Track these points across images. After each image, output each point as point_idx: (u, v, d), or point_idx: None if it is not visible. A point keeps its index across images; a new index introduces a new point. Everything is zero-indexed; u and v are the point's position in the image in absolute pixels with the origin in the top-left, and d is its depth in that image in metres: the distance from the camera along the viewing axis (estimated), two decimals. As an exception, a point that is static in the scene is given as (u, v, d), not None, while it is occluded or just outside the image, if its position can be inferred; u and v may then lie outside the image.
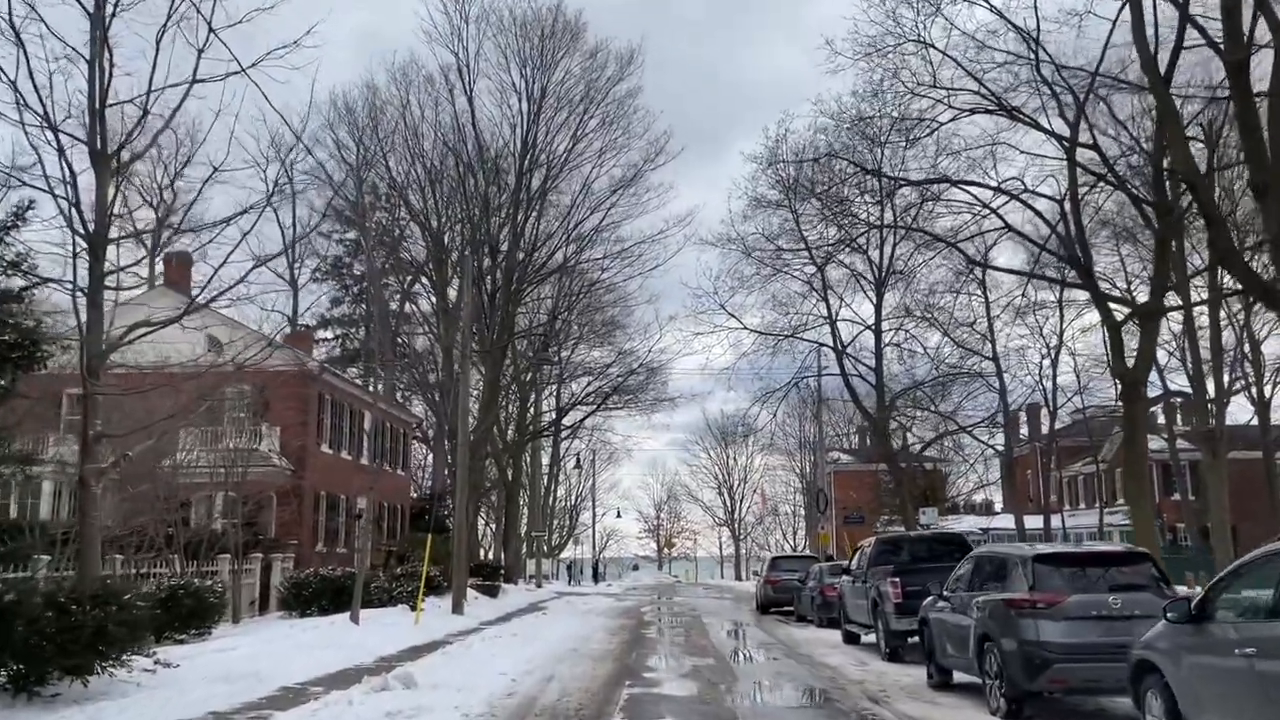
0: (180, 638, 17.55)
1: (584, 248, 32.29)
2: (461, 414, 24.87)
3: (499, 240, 29.89)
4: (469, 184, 29.61)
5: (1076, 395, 46.50)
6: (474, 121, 29.50)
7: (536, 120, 30.22)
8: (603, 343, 43.71)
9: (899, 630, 15.15)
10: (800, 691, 12.47)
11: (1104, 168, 18.21)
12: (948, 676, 12.28)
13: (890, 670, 14.22)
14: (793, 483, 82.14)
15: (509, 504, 44.13)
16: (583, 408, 45.60)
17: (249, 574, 24.35)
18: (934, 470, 50.57)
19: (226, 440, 26.87)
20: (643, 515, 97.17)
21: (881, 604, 15.63)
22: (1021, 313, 41.24)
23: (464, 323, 25.71)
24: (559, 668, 14.43)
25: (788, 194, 31.80)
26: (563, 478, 72.58)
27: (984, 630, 10.39)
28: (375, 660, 14.64)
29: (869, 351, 34.11)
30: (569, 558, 79.03)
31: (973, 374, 40.17)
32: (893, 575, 15.35)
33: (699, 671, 14.15)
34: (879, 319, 33.39)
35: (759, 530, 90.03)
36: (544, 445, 60.67)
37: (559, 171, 30.65)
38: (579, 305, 35.88)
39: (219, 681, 11.47)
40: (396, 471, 40.34)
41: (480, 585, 34.27)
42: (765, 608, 28.79)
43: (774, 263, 32.50)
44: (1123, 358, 18.24)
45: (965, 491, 61.73)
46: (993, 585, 10.75)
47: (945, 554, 16.99)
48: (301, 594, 22.71)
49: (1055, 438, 47.52)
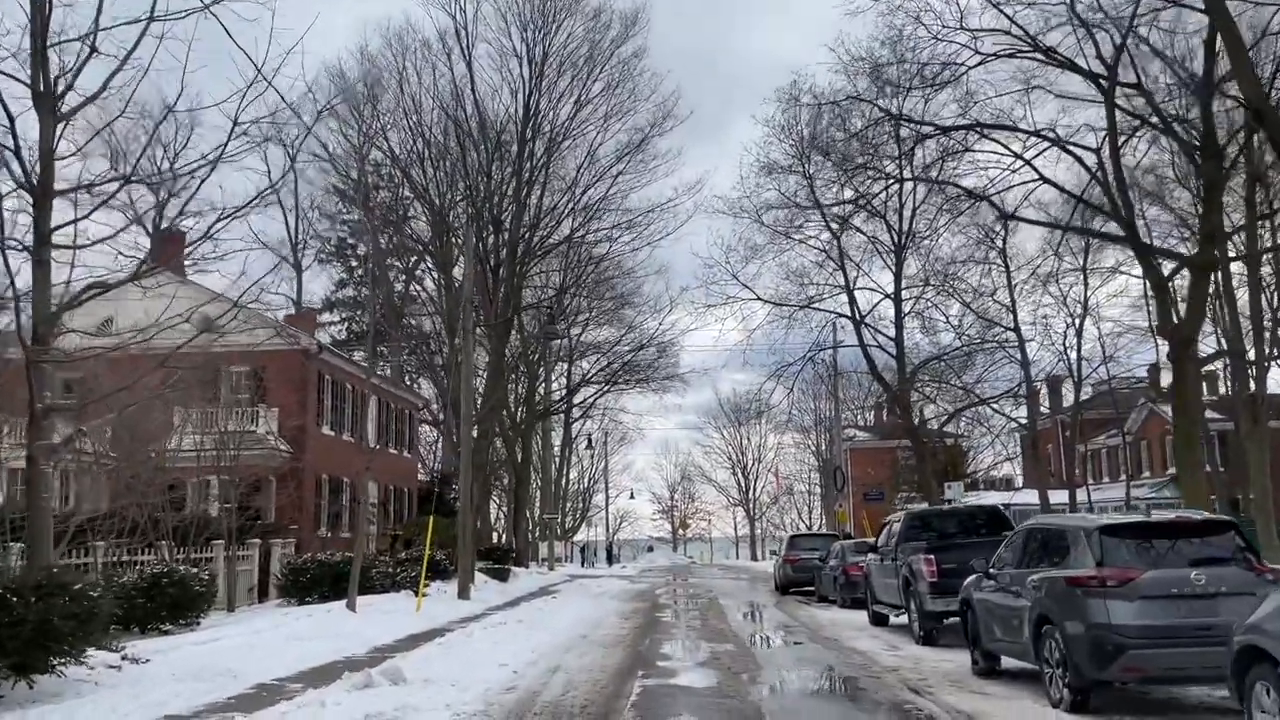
0: (166, 629, 16.53)
1: (590, 218, 31.03)
2: (464, 390, 23.73)
3: (502, 213, 28.63)
4: (470, 155, 28.33)
5: (1101, 365, 45.03)
6: (473, 88, 28.26)
7: (539, 86, 28.93)
8: (612, 320, 42.59)
9: (934, 611, 13.97)
10: (831, 681, 11.30)
11: (1147, 109, 16.84)
12: (994, 663, 11.08)
13: (926, 655, 13.03)
14: (807, 461, 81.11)
15: (518, 486, 43.07)
16: (593, 386, 44.51)
17: (246, 560, 23.33)
18: (954, 445, 49.28)
19: (222, 422, 25.81)
20: (656, 497, 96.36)
21: (914, 583, 14.44)
22: (1045, 281, 40.06)
23: (465, 296, 24.52)
24: (566, 657, 13.30)
25: (801, 158, 30.47)
26: (575, 460, 71.64)
27: (1042, 612, 9.18)
28: (369, 651, 13.54)
29: (888, 321, 32.79)
30: (582, 540, 78.12)
31: (995, 344, 38.81)
32: (926, 552, 14.15)
33: (718, 659, 13.00)
34: (899, 287, 32.04)
35: (774, 510, 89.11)
36: (555, 426, 59.68)
37: (563, 139, 29.38)
38: (586, 279, 34.65)
39: (189, 679, 10.36)
40: (403, 454, 39.29)
41: (489, 569, 33.23)
42: (784, 588, 27.65)
43: (787, 229, 31.17)
44: (1170, 315, 16.95)
45: (985, 467, 60.39)
46: (1050, 561, 9.53)
47: (981, 528, 15.85)
48: (299, 580, 21.65)
49: (1080, 409, 45.98)
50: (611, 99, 29.42)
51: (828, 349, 35.66)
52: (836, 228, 32.10)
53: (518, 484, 42.96)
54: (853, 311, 32.36)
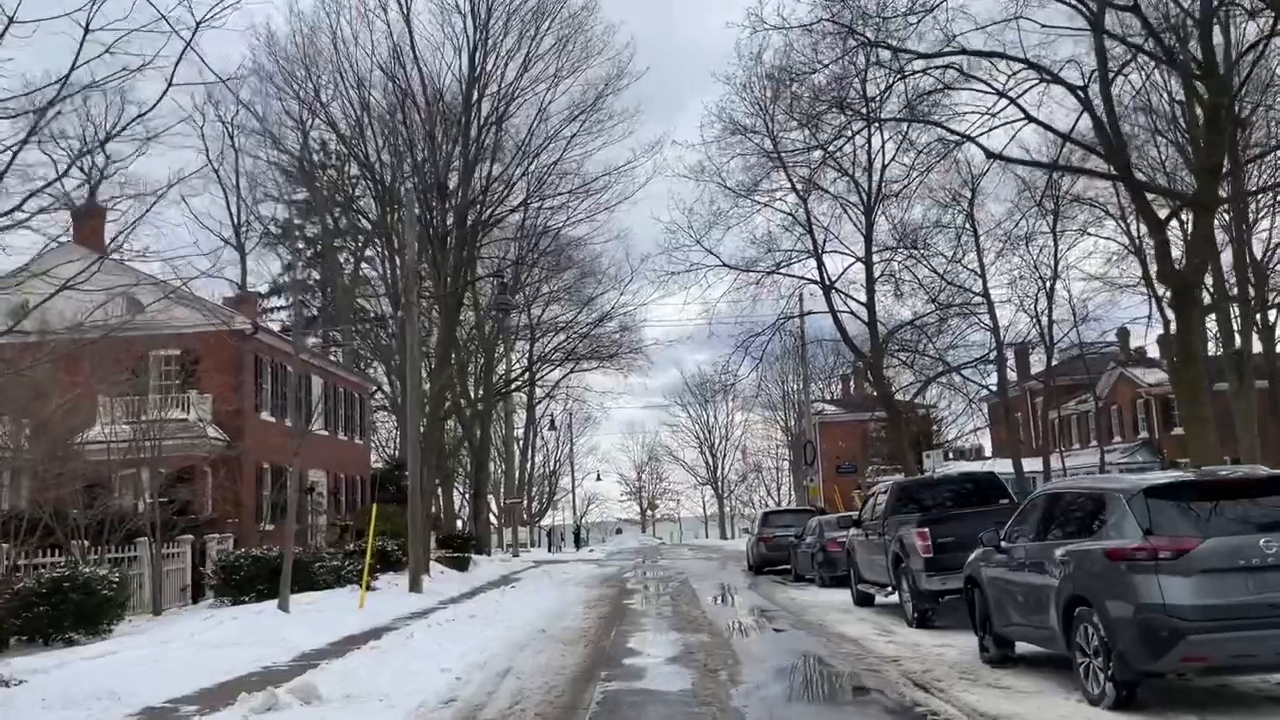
0: (73, 637, 14.76)
1: (544, 183, 29.22)
2: (410, 366, 21.98)
3: (448, 179, 26.76)
4: (412, 118, 26.41)
5: (1073, 329, 44.18)
6: (413, 46, 26.24)
7: (484, 43, 27.03)
8: (572, 296, 40.87)
9: (930, 590, 12.55)
10: (824, 676, 9.82)
11: (1141, 34, 15.43)
12: (1007, 649, 9.66)
13: (925, 641, 11.61)
14: (775, 437, 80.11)
15: (478, 470, 41.32)
16: (555, 366, 42.80)
17: (176, 558, 21.46)
18: (926, 415, 48.26)
19: (146, 409, 23.85)
20: (624, 478, 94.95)
21: (906, 560, 13.01)
22: (1014, 243, 39.12)
23: (407, 264, 22.74)
24: (520, 657, 11.71)
25: (764, 114, 28.91)
26: (540, 443, 70.00)
27: (1075, 592, 7.72)
28: (292, 660, 11.86)
29: (858, 285, 31.40)
30: (549, 524, 76.54)
31: (966, 310, 37.80)
32: (919, 525, 12.71)
33: (691, 653, 11.48)
34: (869, 249, 30.64)
35: (742, 488, 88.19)
36: (518, 408, 57.92)
37: (511, 99, 27.48)
38: (544, 249, 32.82)
39: (60, 705, 8.65)
40: (354, 440, 37.34)
41: (448, 559, 31.58)
42: (759, 567, 26.29)
43: (751, 190, 29.63)
44: (1168, 260, 15.66)
45: (952, 438, 59.56)
46: (1081, 531, 8.07)
47: (976, 498, 14.48)
48: (232, 579, 19.86)
49: (1052, 375, 45.11)
50: (563, 56, 27.62)
51: (796, 317, 34.30)
52: (803, 189, 30.67)
53: (477, 468, 41.21)
54: (822, 277, 31.01)
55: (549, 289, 41.75)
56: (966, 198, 37.87)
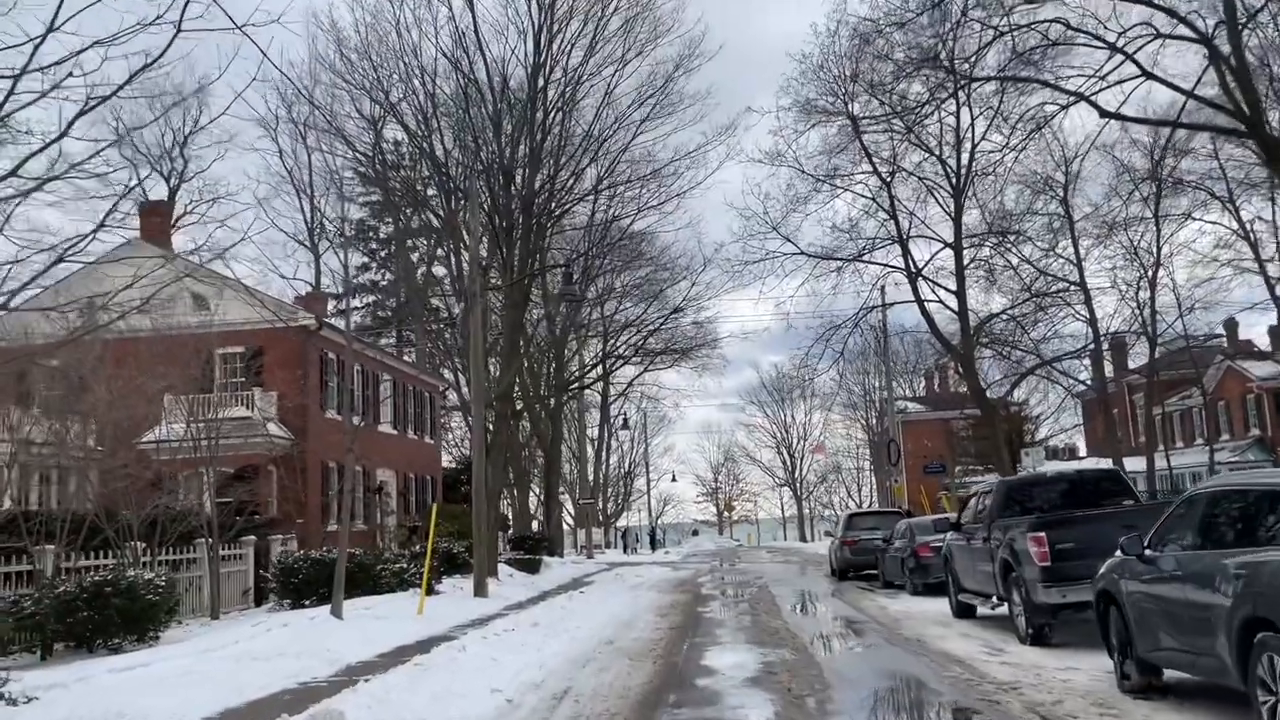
0: (116, 643, 14.04)
1: (613, 169, 28.05)
2: (474, 358, 21.01)
3: (513, 166, 25.79)
4: (474, 101, 25.48)
5: (1178, 320, 41.37)
6: (476, 28, 25.35)
7: (548, 25, 26.00)
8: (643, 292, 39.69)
9: (1047, 604, 10.95)
10: (933, 708, 8.38)
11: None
12: (1153, 677, 8.08)
13: (1044, 662, 10.04)
14: (855, 437, 77.87)
15: (549, 470, 40.37)
16: (627, 361, 41.68)
17: (237, 560, 20.86)
18: (1018, 413, 45.81)
19: (210, 408, 23.37)
20: (700, 479, 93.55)
21: (1018, 568, 11.43)
22: (1112, 229, 36.82)
23: (470, 251, 21.79)
24: (580, 675, 10.49)
25: (843, 96, 27.36)
26: (615, 444, 69.06)
27: (1257, 613, 6.13)
28: (333, 674, 10.83)
29: (947, 272, 29.47)
30: (624, 526, 75.58)
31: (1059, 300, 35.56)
32: (1034, 529, 11.11)
33: (773, 673, 10.13)
34: (959, 233, 28.68)
35: (821, 489, 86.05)
36: (591, 407, 56.99)
37: (578, 83, 26.39)
38: (613, 239, 31.63)
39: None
40: (424, 439, 36.75)
41: (518, 560, 30.65)
42: (843, 573, 24.68)
43: (831, 174, 28.03)
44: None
45: (1045, 436, 56.74)
46: (1260, 538, 6.50)
47: (1098, 497, 12.79)
48: (290, 582, 19.07)
49: (1155, 369, 42.30)
50: (630, 38, 26.40)
51: (879, 308, 32.53)
52: (885, 172, 28.95)
53: (548, 467, 40.26)
54: (907, 264, 29.15)
55: (620, 284, 40.75)
56: (1060, 182, 35.94)
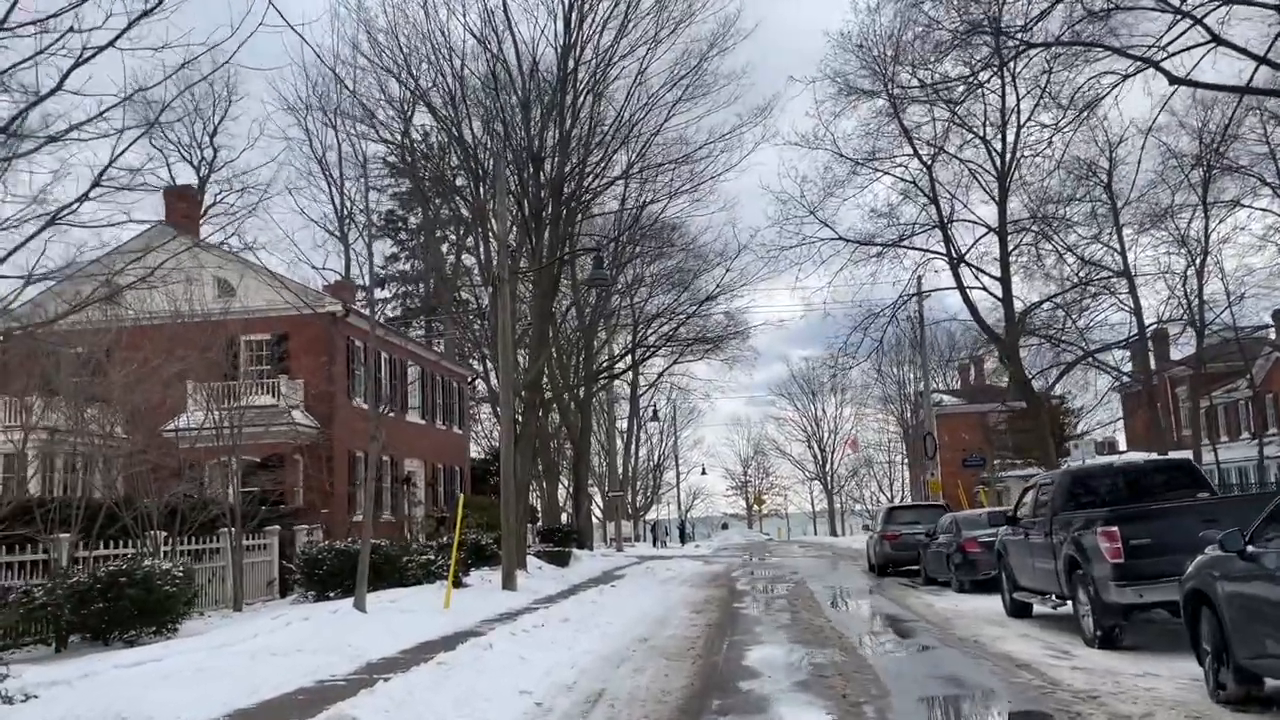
0: (132, 636, 13.54)
1: (644, 153, 27.30)
2: (502, 344, 20.39)
3: (542, 150, 25.12)
4: (502, 81, 24.83)
5: (1226, 310, 40.09)
6: (505, 6, 24.71)
7: (580, 4, 25.27)
8: (674, 282, 38.94)
9: (1120, 604, 10.13)
10: (1006, 719, 7.61)
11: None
12: (1253, 686, 7.27)
13: (1119, 667, 9.22)
14: (888, 431, 76.74)
15: (578, 461, 39.77)
16: (657, 350, 40.93)
17: (262, 550, 20.40)
18: (1058, 406, 44.57)
19: (236, 395, 22.94)
20: (730, 472, 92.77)
21: (1086, 565, 10.60)
22: (1157, 217, 35.81)
23: (500, 237, 21.16)
24: (615, 675, 9.82)
25: (883, 77, 26.52)
26: (644, 437, 68.38)
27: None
28: (352, 671, 10.24)
29: (991, 258, 28.52)
30: (654, 519, 74.95)
31: (1105, 288, 34.55)
32: (1106, 522, 10.28)
33: (823, 676, 9.39)
34: (1003, 219, 27.72)
35: (852, 484, 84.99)
36: (620, 398, 56.35)
37: (609, 63, 25.65)
38: (645, 225, 30.91)
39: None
40: (452, 429, 36.23)
41: (548, 553, 30.12)
42: (882, 568, 23.87)
43: (871, 155, 27.19)
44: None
45: (1086, 429, 55.46)
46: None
47: (1170, 490, 11.94)
48: (314, 573, 18.56)
49: (1203, 360, 41.04)
50: (662, 16, 25.61)
51: (918, 296, 31.65)
52: (927, 155, 28.04)
53: (577, 459, 39.66)
54: (949, 250, 28.22)
55: (650, 274, 40.03)
56: (1104, 168, 34.85)
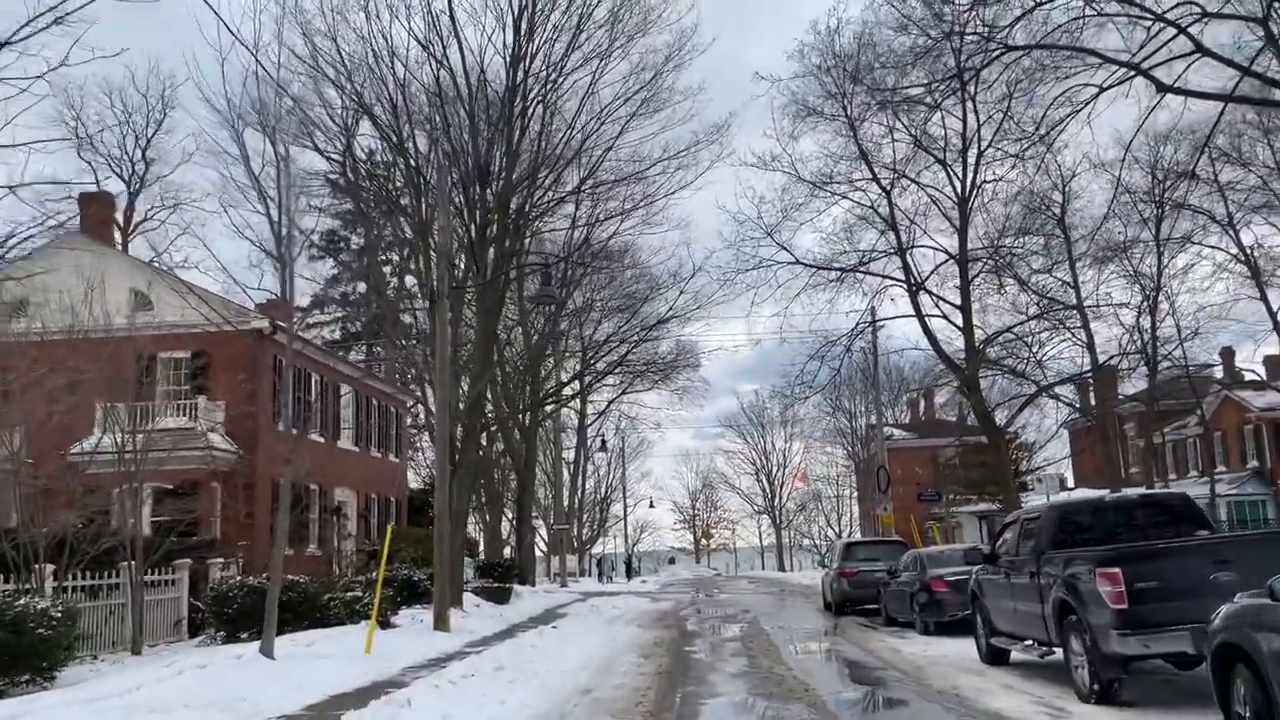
0: (2, 686, 11.82)
1: (595, 169, 26.15)
2: (440, 362, 18.95)
3: (489, 161, 23.85)
4: (446, 89, 23.55)
5: (1177, 347, 40.07)
6: (451, 11, 23.54)
7: (531, 12, 24.16)
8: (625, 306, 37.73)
9: (1122, 655, 9.01)
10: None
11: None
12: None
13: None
14: (836, 463, 76.20)
15: (522, 493, 38.16)
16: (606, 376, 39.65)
17: (170, 586, 18.58)
18: (1012, 440, 44.09)
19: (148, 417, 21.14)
20: (678, 506, 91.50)
21: (1082, 611, 9.47)
22: (1109, 251, 35.89)
23: (441, 249, 19.82)
24: (552, 740, 8.43)
25: (841, 97, 25.84)
26: (591, 469, 66.83)
27: None
28: (242, 734, 8.72)
29: (951, 285, 27.79)
30: (600, 553, 73.22)
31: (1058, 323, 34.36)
32: (1105, 563, 9.17)
33: (794, 740, 8.10)
34: (963, 245, 27.05)
35: (800, 518, 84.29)
36: (568, 427, 54.81)
37: (560, 74, 24.53)
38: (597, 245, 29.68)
39: None
40: (389, 458, 34.50)
41: (487, 589, 28.44)
42: (840, 607, 22.67)
43: (829, 178, 26.41)
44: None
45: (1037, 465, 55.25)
46: None
47: (1168, 527, 10.90)
48: (224, 612, 16.82)
49: (1155, 397, 40.88)
50: (616, 28, 24.58)
51: (874, 324, 30.83)
52: (886, 181, 27.32)
53: (521, 489, 38.05)
54: (907, 278, 27.44)
55: (601, 300, 38.80)
56: (1058, 202, 34.65)
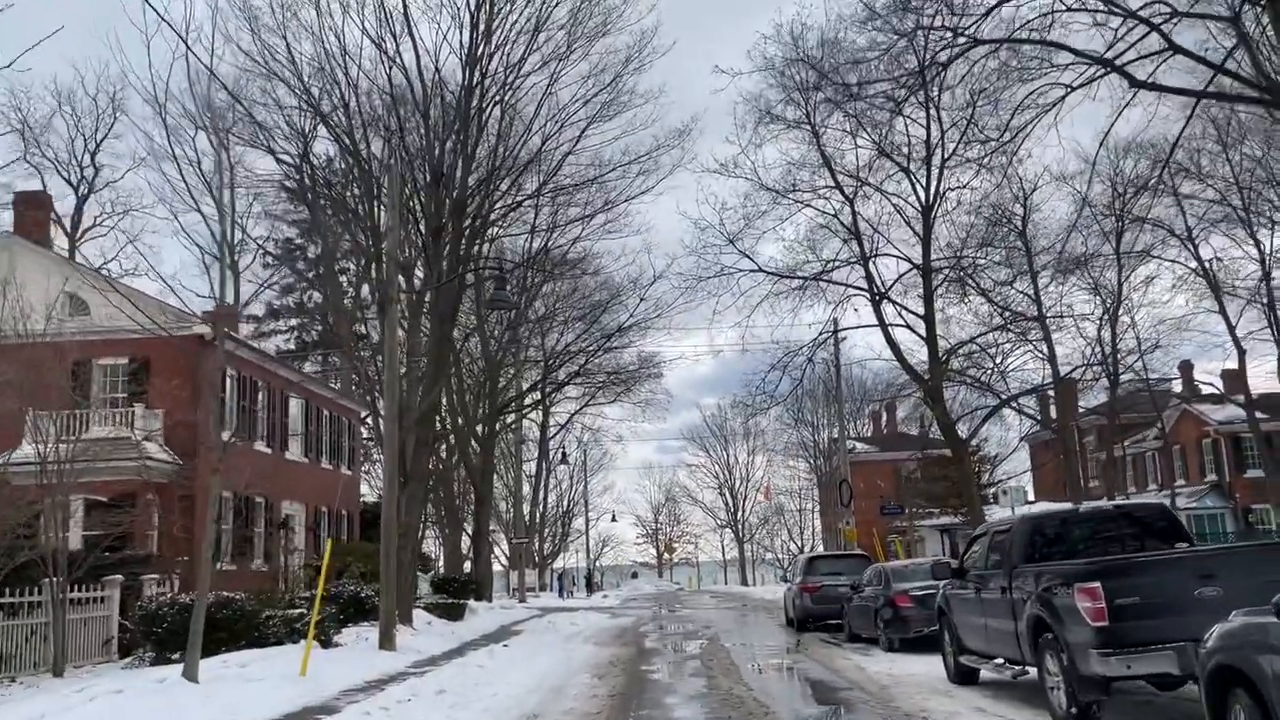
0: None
1: (555, 170, 25.52)
2: (389, 366, 18.13)
3: (443, 162, 23.12)
4: (398, 87, 22.84)
5: (1138, 360, 40.29)
6: (405, 7, 22.81)
7: (488, 10, 23.51)
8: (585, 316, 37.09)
9: (1102, 676, 8.46)
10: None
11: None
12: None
13: (1111, 757, 7.52)
14: (799, 477, 76.00)
15: (479, 506, 37.24)
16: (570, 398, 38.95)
17: (98, 604, 17.56)
18: (974, 453, 43.97)
19: (81, 426, 20.14)
20: (640, 520, 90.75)
21: (1059, 628, 8.92)
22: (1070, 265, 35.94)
23: (389, 251, 19.03)
24: (490, 774, 7.68)
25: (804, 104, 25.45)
26: (553, 482, 65.96)
27: None
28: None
29: (915, 294, 27.45)
30: (562, 567, 72.26)
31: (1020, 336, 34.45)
32: (1085, 578, 8.62)
33: (754, 772, 7.43)
34: (927, 255, 26.69)
35: (763, 532, 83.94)
36: (528, 439, 53.95)
37: (518, 75, 23.88)
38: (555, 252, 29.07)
39: None
40: (340, 470, 33.46)
41: (441, 605, 27.50)
42: (802, 623, 22.07)
43: (793, 185, 26.00)
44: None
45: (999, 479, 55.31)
46: None
47: (1146, 540, 10.41)
48: (154, 631, 15.84)
49: (1115, 410, 40.96)
50: (575, 29, 24.01)
51: (835, 333, 30.50)
52: (849, 189, 26.94)
53: (479, 503, 37.13)
54: (870, 287, 27.04)
55: (561, 310, 38.13)
56: (1019, 215, 34.64)
